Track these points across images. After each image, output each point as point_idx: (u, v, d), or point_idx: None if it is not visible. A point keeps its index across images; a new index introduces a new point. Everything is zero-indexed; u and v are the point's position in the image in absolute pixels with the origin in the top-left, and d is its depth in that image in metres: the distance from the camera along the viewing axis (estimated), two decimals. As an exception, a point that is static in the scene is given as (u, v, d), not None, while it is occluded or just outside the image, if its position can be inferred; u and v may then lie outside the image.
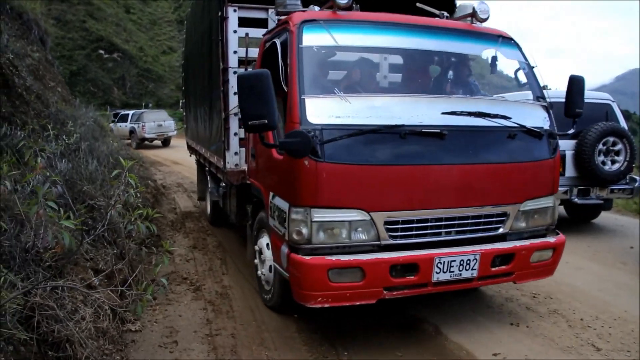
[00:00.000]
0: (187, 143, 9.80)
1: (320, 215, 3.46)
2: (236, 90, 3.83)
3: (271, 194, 4.12)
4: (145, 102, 41.99)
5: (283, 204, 3.75)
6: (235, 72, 5.09)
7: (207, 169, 7.57)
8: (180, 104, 8.65)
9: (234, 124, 5.35)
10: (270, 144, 3.83)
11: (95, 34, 43.20)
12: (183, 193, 11.16)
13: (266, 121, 3.32)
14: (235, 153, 5.40)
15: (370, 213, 3.51)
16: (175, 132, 25.54)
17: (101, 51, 43.03)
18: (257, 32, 5.27)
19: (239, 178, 5.31)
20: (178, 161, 17.24)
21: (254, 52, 5.19)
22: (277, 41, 4.00)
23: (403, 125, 3.55)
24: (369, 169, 3.52)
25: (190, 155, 9.57)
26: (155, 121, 24.72)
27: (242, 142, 5.39)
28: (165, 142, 25.22)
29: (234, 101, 5.12)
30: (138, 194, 3.57)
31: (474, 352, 3.86)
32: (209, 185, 7.62)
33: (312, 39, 3.74)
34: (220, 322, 4.37)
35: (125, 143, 17.13)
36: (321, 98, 3.59)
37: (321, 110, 3.50)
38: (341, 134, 3.43)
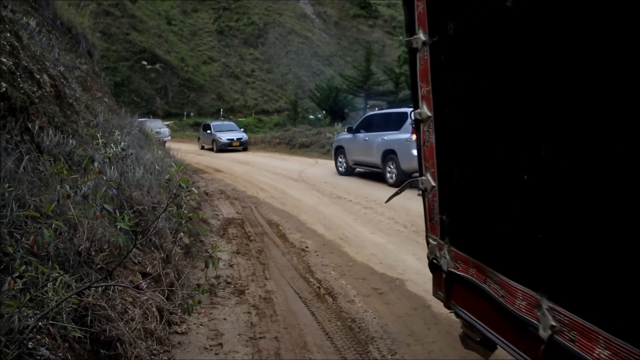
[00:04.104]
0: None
1: None
2: None
3: None
4: (187, 111, 43.00)
5: None
6: None
7: None
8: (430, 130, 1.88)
9: None
10: None
11: (138, 45, 44.53)
12: (225, 200, 11.32)
13: None
14: None
15: None
16: (170, 137, 27.90)
17: (144, 62, 44.28)
18: None
19: None
20: (220, 169, 17.53)
21: None
22: None
23: None
24: None
25: None
26: (154, 129, 27.66)
27: None
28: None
29: None
30: (189, 197, 3.65)
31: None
32: None
33: None
34: (264, 325, 4.41)
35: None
36: None
37: None
38: None
